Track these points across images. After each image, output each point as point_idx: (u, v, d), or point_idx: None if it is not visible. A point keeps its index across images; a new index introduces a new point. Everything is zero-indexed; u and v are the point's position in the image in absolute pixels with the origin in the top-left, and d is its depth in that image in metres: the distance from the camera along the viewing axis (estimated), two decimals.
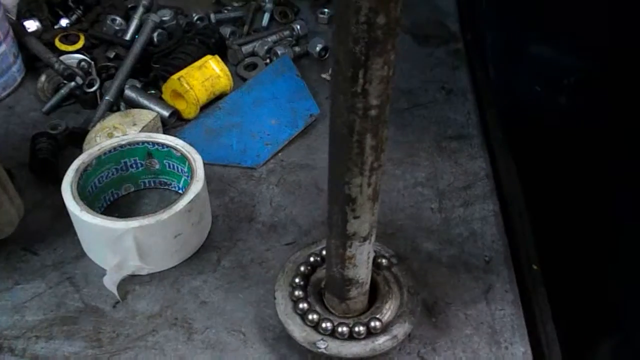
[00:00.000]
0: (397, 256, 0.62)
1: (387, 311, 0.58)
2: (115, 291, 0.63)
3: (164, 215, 0.62)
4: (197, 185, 0.65)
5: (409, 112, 0.89)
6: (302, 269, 0.61)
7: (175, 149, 0.70)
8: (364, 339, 0.55)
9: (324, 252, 0.61)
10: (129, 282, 0.65)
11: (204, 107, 0.88)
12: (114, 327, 0.62)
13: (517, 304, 0.65)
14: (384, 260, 0.61)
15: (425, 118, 0.88)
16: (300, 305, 0.57)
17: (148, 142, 0.71)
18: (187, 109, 0.85)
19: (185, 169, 0.70)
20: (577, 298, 0.84)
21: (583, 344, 0.88)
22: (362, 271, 0.53)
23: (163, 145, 0.71)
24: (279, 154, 0.82)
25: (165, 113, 0.84)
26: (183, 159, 0.70)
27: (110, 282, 0.63)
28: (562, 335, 0.64)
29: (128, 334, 0.61)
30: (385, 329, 0.56)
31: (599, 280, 0.83)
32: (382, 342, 0.55)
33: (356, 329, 0.55)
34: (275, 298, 0.58)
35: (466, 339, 0.61)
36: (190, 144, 0.71)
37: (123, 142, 0.71)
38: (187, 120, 0.86)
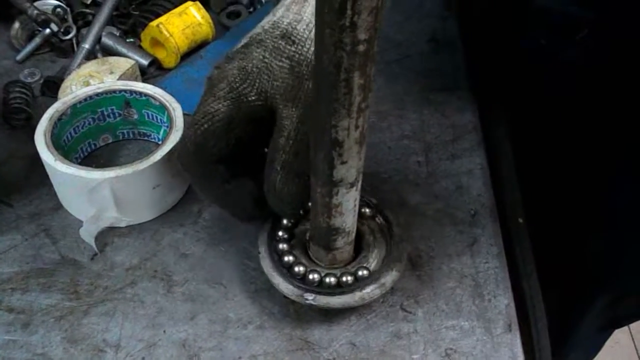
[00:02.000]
0: (382, 205, 0.61)
1: (374, 260, 0.57)
2: (92, 243, 0.61)
3: (142, 165, 0.60)
4: (177, 134, 0.63)
5: (397, 64, 0.87)
6: (285, 221, 0.59)
7: (154, 97, 0.68)
8: (351, 288, 0.54)
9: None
10: (107, 234, 0.64)
11: (185, 56, 0.85)
12: (92, 279, 0.60)
13: (502, 257, 0.64)
14: (368, 210, 0.59)
15: (413, 70, 0.86)
16: (286, 259, 0.56)
17: (125, 91, 0.69)
18: (167, 58, 0.82)
19: (165, 119, 0.68)
20: (563, 254, 0.84)
21: (568, 301, 0.89)
22: (348, 220, 0.52)
23: (141, 93, 0.68)
24: None
25: (144, 62, 0.81)
26: (162, 108, 0.67)
27: (88, 234, 0.61)
28: (546, 291, 0.64)
29: (106, 286, 0.60)
30: (372, 277, 0.55)
31: (586, 237, 0.83)
32: (370, 290, 0.55)
33: (344, 278, 0.54)
34: (259, 252, 0.57)
35: (449, 292, 0.61)
36: (171, 94, 0.68)
37: (99, 91, 0.68)
38: (167, 70, 0.83)
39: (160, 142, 0.70)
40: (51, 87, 0.77)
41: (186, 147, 0.53)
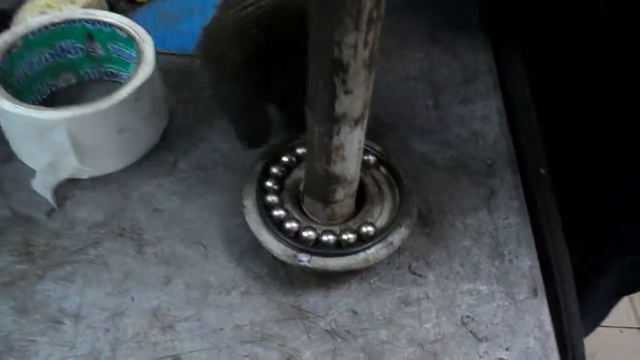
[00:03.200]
0: (387, 152, 0.52)
1: (379, 215, 0.49)
2: (49, 196, 0.52)
3: (104, 104, 0.51)
4: (146, 69, 0.54)
5: None
6: (274, 170, 0.51)
7: (121, 28, 0.58)
8: (353, 248, 0.46)
9: (299, 150, 0.51)
10: (67, 187, 0.55)
11: None
12: (48, 238, 0.51)
13: (523, 213, 0.56)
14: (371, 158, 0.51)
15: (420, 4, 0.76)
16: (276, 213, 0.48)
17: (87, 20, 0.58)
18: None
19: (134, 54, 0.58)
20: (584, 209, 0.75)
21: (585, 263, 0.81)
22: (351, 166, 0.43)
23: (105, 24, 0.58)
24: None
25: None
26: (130, 41, 0.57)
27: (42, 186, 0.52)
28: (571, 250, 0.56)
29: (65, 247, 0.51)
30: (378, 235, 0.47)
31: (609, 191, 0.74)
32: (375, 250, 0.46)
33: (344, 236, 0.46)
34: (244, 206, 0.48)
35: (464, 252, 0.53)
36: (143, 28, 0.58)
37: (56, 20, 0.58)
38: (140, 4, 0.73)
39: None
40: (3, 20, 0.66)
41: (215, 34, 0.43)
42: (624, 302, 1.94)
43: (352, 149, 0.41)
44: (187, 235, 0.52)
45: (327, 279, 0.50)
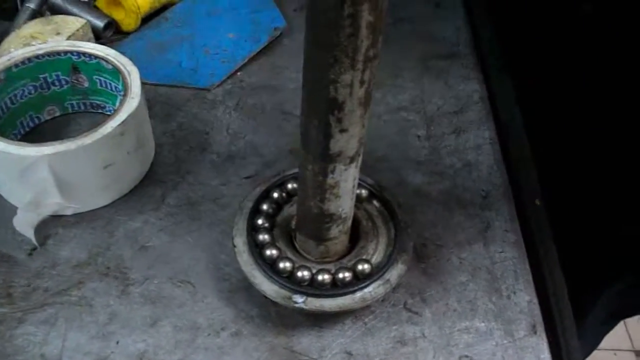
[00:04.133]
0: (380, 185, 0.51)
1: (374, 252, 0.47)
2: (31, 235, 0.51)
3: (88, 139, 0.49)
4: (132, 103, 0.52)
5: (393, 27, 0.76)
6: (265, 207, 0.49)
7: (106, 60, 0.56)
8: (350, 287, 0.44)
9: (289, 185, 0.50)
10: (50, 225, 0.53)
11: (147, 19, 0.73)
12: (29, 279, 0.49)
13: (520, 246, 0.55)
14: (363, 191, 0.49)
15: (410, 34, 0.76)
16: (268, 252, 0.46)
17: (72, 52, 0.57)
18: (126, 19, 0.71)
19: (120, 87, 0.57)
20: (584, 237, 0.75)
21: (586, 286, 0.80)
22: (345, 203, 0.42)
23: (91, 55, 0.57)
24: (238, 74, 0.69)
25: (100, 23, 0.70)
26: (116, 73, 0.56)
27: (24, 224, 0.50)
28: (565, 277, 0.55)
29: (47, 288, 0.49)
30: (374, 273, 0.45)
31: (608, 216, 0.74)
32: (372, 289, 0.45)
33: (340, 275, 0.44)
34: (235, 245, 0.47)
35: (461, 287, 0.51)
36: (130, 59, 0.57)
37: (40, 52, 0.56)
38: (127, 34, 0.72)
39: None
40: None
41: None
42: (618, 325, 1.93)
43: (346, 187, 0.40)
44: (174, 274, 0.50)
45: (321, 319, 0.48)
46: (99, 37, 0.70)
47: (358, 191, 0.50)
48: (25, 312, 0.47)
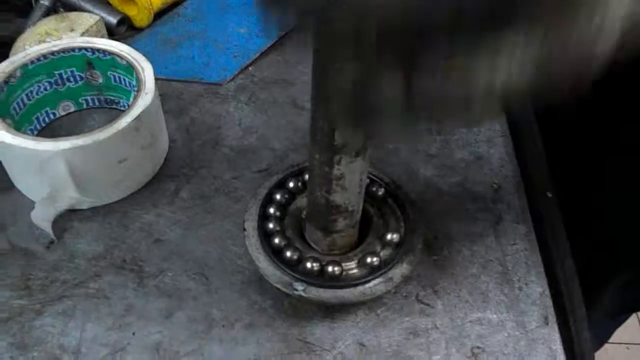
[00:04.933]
0: (395, 183, 0.51)
1: (382, 248, 0.48)
2: (48, 229, 0.51)
3: (103, 134, 0.50)
4: (146, 98, 0.53)
5: None
6: (277, 196, 0.50)
7: (120, 56, 0.57)
8: (352, 280, 0.45)
9: (306, 176, 0.50)
10: (66, 218, 0.54)
11: (160, 14, 0.74)
12: (48, 272, 0.50)
13: (531, 237, 0.55)
14: (380, 190, 0.50)
15: None
16: (276, 240, 0.46)
17: (86, 49, 0.58)
18: (139, 16, 0.72)
19: (134, 82, 0.57)
20: (594, 228, 0.74)
21: (598, 280, 0.80)
22: (352, 196, 0.42)
23: (105, 52, 0.58)
24: (249, 68, 0.70)
25: (113, 20, 0.70)
26: (130, 68, 0.57)
27: (41, 218, 0.51)
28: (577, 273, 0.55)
29: (65, 280, 0.50)
30: (378, 269, 0.46)
31: (618, 208, 0.73)
32: (373, 285, 0.45)
33: (344, 267, 0.45)
34: (244, 229, 0.47)
35: (473, 279, 0.51)
36: (143, 55, 0.58)
37: (55, 49, 0.57)
38: (140, 30, 0.73)
39: None
40: (1, 49, 0.66)
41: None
42: (631, 318, 1.92)
43: (353, 179, 0.41)
44: (189, 267, 0.51)
45: (333, 311, 0.48)
46: (112, 33, 0.71)
47: (374, 189, 0.50)
48: (43, 304, 0.48)
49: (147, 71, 0.55)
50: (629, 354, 1.75)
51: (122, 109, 0.63)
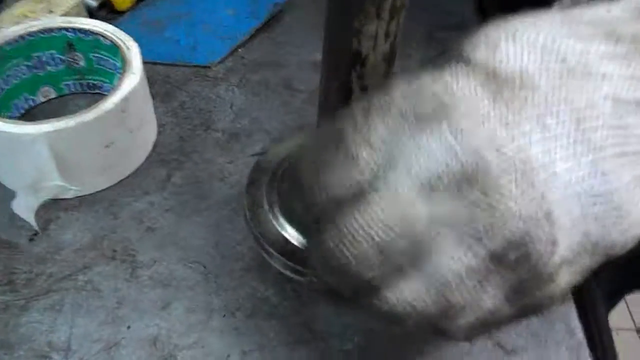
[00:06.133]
0: None
1: None
2: (31, 219, 0.48)
3: (89, 116, 0.47)
4: (133, 78, 0.50)
5: None
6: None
7: (104, 35, 0.54)
8: None
9: None
10: (51, 209, 0.50)
11: None
12: (32, 265, 0.47)
13: None
14: None
15: (415, 3, 0.73)
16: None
17: (67, 29, 0.55)
18: None
19: (119, 64, 0.54)
20: None
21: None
22: None
23: (87, 32, 0.54)
24: (239, 50, 0.67)
25: (93, 2, 0.67)
26: (115, 49, 0.54)
27: (24, 208, 0.48)
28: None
29: (51, 273, 0.46)
30: None
31: None
32: None
33: None
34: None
35: None
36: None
37: (33, 29, 0.54)
38: (121, 13, 0.69)
39: None
40: None
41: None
42: (619, 303, 1.93)
43: None
44: (184, 255, 0.48)
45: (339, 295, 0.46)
46: (92, 16, 0.67)
47: None
48: (29, 300, 0.45)
49: (133, 50, 0.52)
50: (616, 339, 1.75)
51: (106, 93, 0.59)
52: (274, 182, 0.47)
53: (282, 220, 0.44)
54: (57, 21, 0.55)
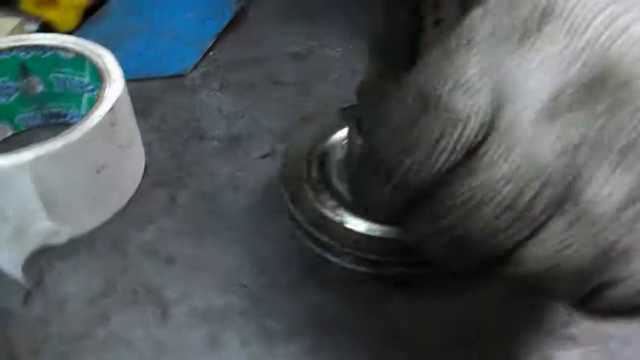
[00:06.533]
0: None
1: None
2: (19, 276, 0.39)
3: (75, 134, 0.38)
4: (115, 87, 0.42)
5: None
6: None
7: (65, 48, 0.46)
8: None
9: None
10: (40, 259, 0.41)
11: (88, 13, 0.62)
12: (33, 329, 0.38)
13: None
14: None
15: None
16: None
17: (19, 48, 0.46)
18: (64, 17, 0.60)
19: (87, 78, 0.46)
20: None
21: None
22: None
23: (43, 48, 0.46)
24: (210, 54, 0.60)
25: (33, 26, 0.58)
26: (80, 60, 0.45)
27: (8, 263, 0.39)
28: None
29: (60, 334, 0.37)
30: None
31: None
32: None
33: None
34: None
35: None
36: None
37: None
38: (68, 34, 0.61)
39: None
40: None
41: None
42: None
43: None
44: (218, 281, 0.40)
45: (417, 293, 0.39)
46: None
47: None
48: None
49: (106, 57, 0.44)
50: None
51: (73, 122, 0.50)
52: (313, 173, 0.40)
53: (340, 210, 0.37)
54: (5, 41, 0.46)
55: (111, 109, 0.40)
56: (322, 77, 0.57)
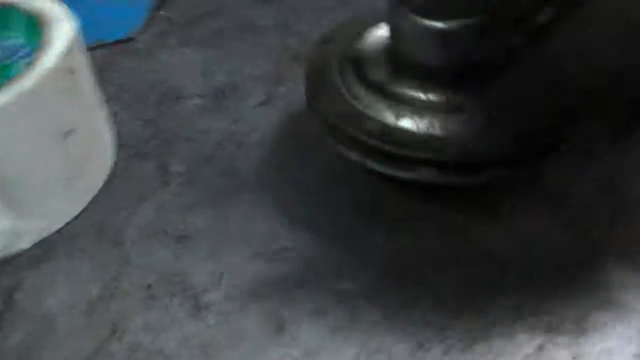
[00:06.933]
0: None
1: None
2: None
3: (27, 81, 0.27)
4: (68, 28, 0.31)
5: None
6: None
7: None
8: None
9: None
10: (7, 272, 0.30)
11: None
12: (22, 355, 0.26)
13: None
14: None
15: None
16: None
17: None
18: None
19: (16, 38, 0.35)
20: None
21: None
22: None
23: None
24: (161, 12, 0.50)
25: None
26: (4, 13, 0.34)
27: None
28: None
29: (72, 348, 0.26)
30: None
31: None
32: None
33: None
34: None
35: None
36: None
37: None
38: None
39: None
40: None
41: None
42: None
43: None
44: (256, 250, 0.30)
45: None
46: None
47: None
48: None
49: (46, 4, 0.33)
50: None
51: None
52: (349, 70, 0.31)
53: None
54: None
55: (66, 51, 0.29)
56: (298, 16, 0.49)
